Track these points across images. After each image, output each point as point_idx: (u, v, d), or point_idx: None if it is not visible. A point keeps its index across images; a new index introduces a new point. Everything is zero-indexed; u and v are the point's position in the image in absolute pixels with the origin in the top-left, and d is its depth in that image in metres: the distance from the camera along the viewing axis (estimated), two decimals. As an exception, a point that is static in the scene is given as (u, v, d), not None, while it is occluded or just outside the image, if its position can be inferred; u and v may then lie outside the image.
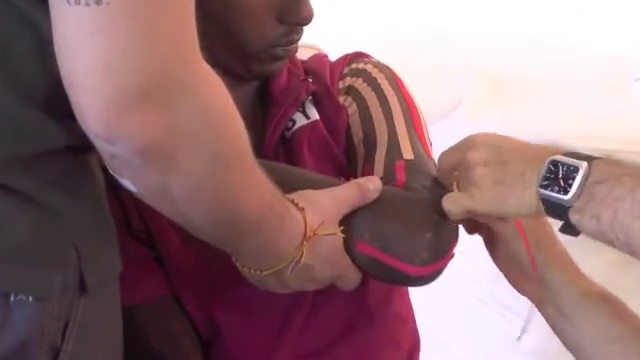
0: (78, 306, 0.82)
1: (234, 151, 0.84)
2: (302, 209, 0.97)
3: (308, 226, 0.96)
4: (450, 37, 2.21)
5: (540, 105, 1.86)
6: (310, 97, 1.15)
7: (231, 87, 0.82)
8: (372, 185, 1.03)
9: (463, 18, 2.29)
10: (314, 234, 0.96)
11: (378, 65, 1.18)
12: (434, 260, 1.01)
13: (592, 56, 2.08)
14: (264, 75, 1.12)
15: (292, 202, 0.97)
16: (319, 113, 1.14)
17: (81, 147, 0.82)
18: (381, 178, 1.05)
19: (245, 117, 0.83)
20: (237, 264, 0.99)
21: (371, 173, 1.08)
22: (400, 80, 1.17)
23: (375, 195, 1.02)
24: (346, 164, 1.14)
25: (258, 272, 0.98)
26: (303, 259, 0.96)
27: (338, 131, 1.14)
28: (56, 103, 0.78)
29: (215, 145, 0.81)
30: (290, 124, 1.13)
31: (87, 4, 0.72)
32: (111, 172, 0.82)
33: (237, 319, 1.11)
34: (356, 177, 1.08)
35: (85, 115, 0.75)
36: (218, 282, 1.09)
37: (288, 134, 1.13)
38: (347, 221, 1.01)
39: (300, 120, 1.14)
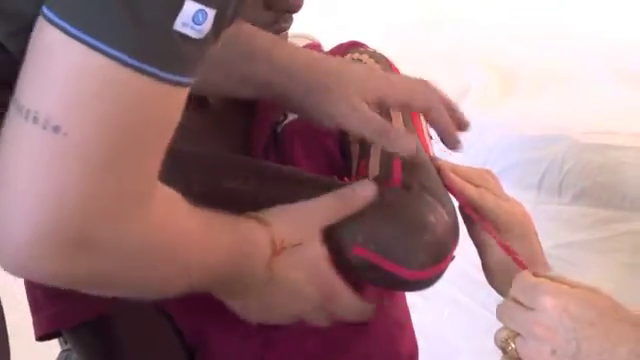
0: None
1: (175, 268, 0.81)
2: (268, 224, 0.93)
3: (277, 241, 0.92)
4: (455, 24, 2.17)
5: (551, 97, 1.81)
6: (302, 89, 1.10)
7: None
8: (362, 192, 0.97)
9: (469, 4, 2.25)
10: (283, 248, 0.92)
11: (374, 55, 1.14)
12: (433, 263, 0.97)
13: (606, 45, 2.03)
14: None
15: (256, 218, 0.93)
16: (312, 106, 1.10)
17: None
18: (377, 176, 1.01)
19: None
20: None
21: (366, 170, 1.04)
22: (398, 71, 1.13)
23: (363, 203, 0.97)
24: (341, 160, 1.10)
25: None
26: (277, 274, 0.92)
27: None
28: None
29: (153, 272, 0.78)
30: (281, 117, 1.09)
31: (44, 127, 0.64)
32: None
33: (223, 328, 1.07)
34: (351, 175, 1.05)
35: None
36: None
37: (279, 128, 1.09)
38: (339, 226, 0.97)
39: (292, 114, 1.09)
